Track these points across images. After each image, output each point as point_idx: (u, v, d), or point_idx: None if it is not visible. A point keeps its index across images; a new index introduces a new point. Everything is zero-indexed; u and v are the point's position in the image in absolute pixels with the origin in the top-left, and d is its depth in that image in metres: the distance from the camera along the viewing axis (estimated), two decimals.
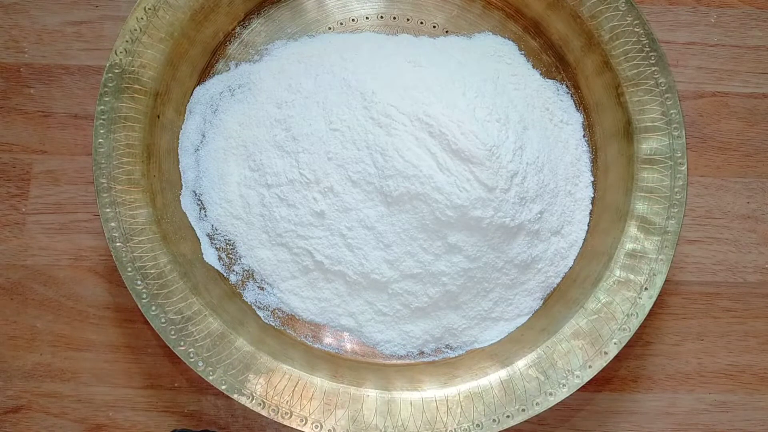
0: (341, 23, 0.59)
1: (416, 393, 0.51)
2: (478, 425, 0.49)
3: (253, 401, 0.49)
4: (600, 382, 0.56)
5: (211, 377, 0.49)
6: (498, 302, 0.53)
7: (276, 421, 0.49)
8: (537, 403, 0.49)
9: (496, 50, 0.58)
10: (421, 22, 0.59)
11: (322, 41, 0.57)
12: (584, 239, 0.55)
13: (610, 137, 0.55)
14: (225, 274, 0.54)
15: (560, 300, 0.54)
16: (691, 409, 0.57)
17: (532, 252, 0.53)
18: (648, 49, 0.54)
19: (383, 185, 0.50)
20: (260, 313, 0.54)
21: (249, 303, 0.54)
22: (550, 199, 0.53)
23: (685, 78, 0.61)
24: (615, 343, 0.50)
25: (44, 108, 0.59)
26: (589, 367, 0.50)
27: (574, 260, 0.55)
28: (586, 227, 0.56)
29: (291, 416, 0.49)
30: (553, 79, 0.58)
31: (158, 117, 0.53)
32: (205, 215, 0.54)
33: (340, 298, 0.53)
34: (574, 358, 0.50)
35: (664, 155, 0.53)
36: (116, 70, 0.52)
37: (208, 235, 0.54)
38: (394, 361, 0.54)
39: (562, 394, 0.49)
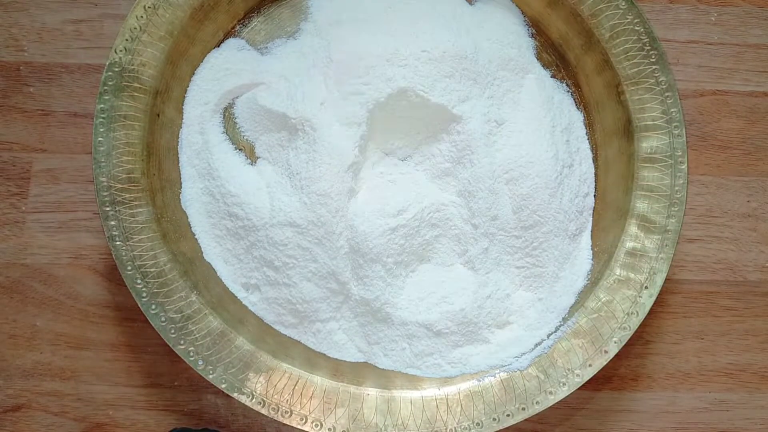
0: None
1: (416, 392, 0.51)
2: (478, 424, 0.49)
3: (253, 400, 0.49)
4: (600, 381, 0.56)
5: (211, 376, 0.49)
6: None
7: (276, 420, 0.49)
8: (537, 402, 0.49)
9: None
10: None
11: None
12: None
13: (611, 136, 0.55)
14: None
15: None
16: (692, 407, 0.57)
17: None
18: (648, 47, 0.54)
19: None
20: None
21: None
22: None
23: (686, 76, 0.61)
24: (615, 342, 0.50)
25: (44, 106, 0.59)
26: (590, 365, 0.50)
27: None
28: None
29: (291, 415, 0.49)
30: (554, 77, 0.58)
31: (158, 115, 0.53)
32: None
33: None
34: (575, 356, 0.50)
35: (665, 154, 0.53)
36: (116, 69, 0.52)
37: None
38: None
39: (563, 392, 0.49)
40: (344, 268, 0.51)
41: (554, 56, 0.58)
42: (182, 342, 0.49)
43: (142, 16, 0.52)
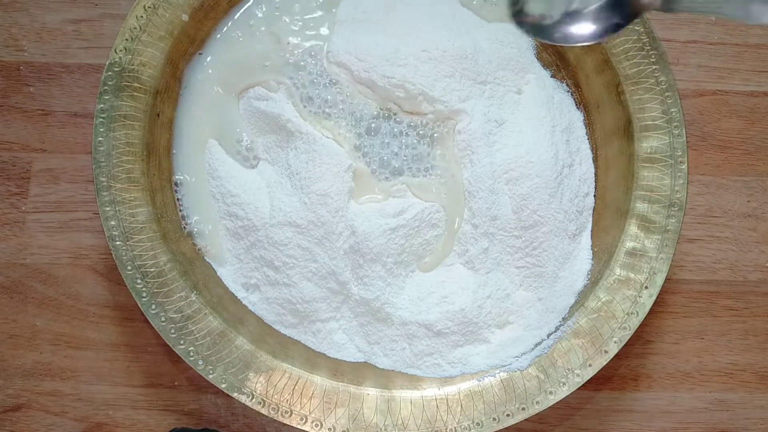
0: None
1: (416, 392, 0.51)
2: (478, 424, 0.49)
3: (253, 400, 0.49)
4: (600, 381, 0.56)
5: (211, 376, 0.49)
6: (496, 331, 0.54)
7: (276, 420, 0.49)
8: (537, 402, 0.49)
9: None
10: None
11: None
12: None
13: (611, 136, 0.55)
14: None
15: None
16: (691, 407, 0.57)
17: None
18: (648, 47, 0.54)
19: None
20: None
21: None
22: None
23: (686, 76, 0.61)
24: (615, 342, 0.50)
25: (44, 106, 0.59)
26: (589, 365, 0.50)
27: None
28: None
29: (291, 415, 0.49)
30: (554, 77, 0.58)
31: (158, 115, 0.53)
32: None
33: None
34: (575, 356, 0.50)
35: (665, 154, 0.53)
36: (116, 69, 0.52)
37: None
38: None
39: (562, 392, 0.49)
40: (344, 268, 0.51)
41: (554, 56, 0.58)
42: (182, 342, 0.49)
43: (142, 16, 0.52)
